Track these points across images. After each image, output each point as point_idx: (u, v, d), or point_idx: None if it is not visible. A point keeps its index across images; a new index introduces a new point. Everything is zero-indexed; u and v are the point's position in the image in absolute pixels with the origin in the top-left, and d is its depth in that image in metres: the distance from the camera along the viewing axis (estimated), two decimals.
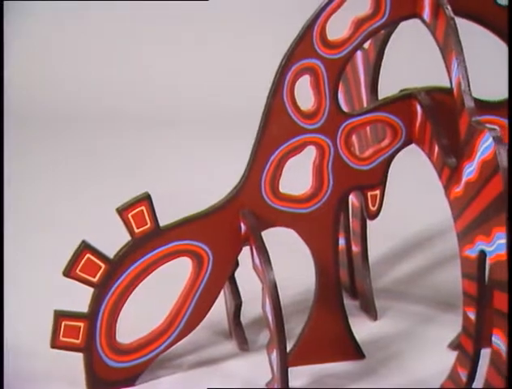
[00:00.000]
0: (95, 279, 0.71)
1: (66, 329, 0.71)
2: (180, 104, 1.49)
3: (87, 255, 0.70)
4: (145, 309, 0.79)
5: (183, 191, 1.12)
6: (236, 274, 0.77)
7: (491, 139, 0.62)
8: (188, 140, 1.37)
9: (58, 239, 0.80)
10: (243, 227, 0.73)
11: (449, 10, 0.67)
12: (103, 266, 0.70)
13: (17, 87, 1.52)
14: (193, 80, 1.53)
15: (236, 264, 0.76)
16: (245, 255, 0.73)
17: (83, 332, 0.71)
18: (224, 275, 0.75)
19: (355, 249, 0.86)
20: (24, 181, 1.23)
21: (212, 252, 0.73)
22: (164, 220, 0.72)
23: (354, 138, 0.79)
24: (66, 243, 0.71)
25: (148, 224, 0.71)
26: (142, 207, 0.70)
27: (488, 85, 0.83)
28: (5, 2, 1.18)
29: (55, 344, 0.71)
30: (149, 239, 0.71)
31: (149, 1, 1.60)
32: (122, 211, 0.70)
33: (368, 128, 0.78)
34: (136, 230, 0.71)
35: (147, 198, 0.70)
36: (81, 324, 0.71)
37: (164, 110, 1.49)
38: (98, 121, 1.48)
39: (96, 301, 0.71)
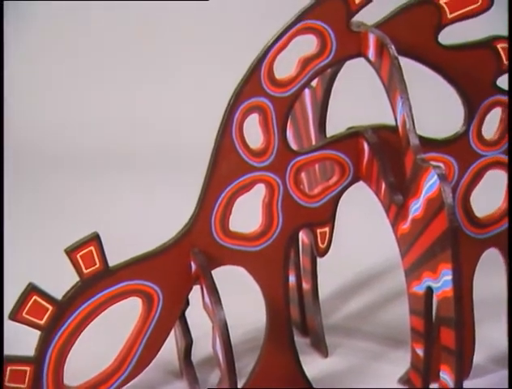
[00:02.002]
0: (42, 322, 0.70)
1: (12, 374, 0.70)
2: (126, 143, 1.48)
3: (34, 297, 0.69)
4: (94, 350, 0.78)
5: (133, 230, 1.12)
6: (187, 312, 0.77)
7: (436, 177, 0.63)
8: (135, 178, 1.36)
9: (7, 280, 0.79)
10: (193, 266, 0.73)
11: (392, 49, 0.68)
12: (50, 308, 0.69)
13: None
14: (144, 120, 1.53)
15: (187, 303, 0.75)
16: (196, 293, 0.73)
17: (28, 377, 0.70)
18: (174, 315, 0.74)
19: (305, 286, 0.86)
20: None
21: (162, 291, 0.73)
22: (113, 260, 0.71)
23: (303, 175, 0.80)
24: (15, 285, 0.70)
25: (97, 265, 0.70)
26: (91, 248, 0.69)
27: (432, 123, 0.85)
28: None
29: None
30: (98, 280, 0.71)
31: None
32: (71, 252, 0.69)
33: (316, 165, 0.79)
34: (85, 271, 0.70)
35: (96, 239, 0.70)
36: (27, 369, 0.70)
37: (110, 148, 1.48)
38: (48, 160, 1.47)
39: (43, 345, 0.70)
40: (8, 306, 0.70)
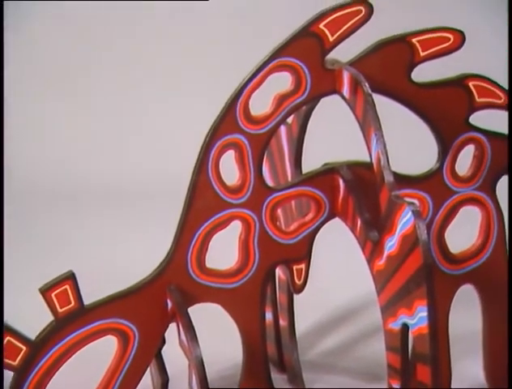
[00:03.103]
0: (15, 363, 0.69)
1: None
2: (102, 178, 1.48)
3: (8, 338, 0.68)
4: None
5: (109, 268, 1.11)
6: (163, 350, 0.76)
7: (410, 214, 0.63)
8: (111, 215, 1.35)
9: None
10: (169, 303, 0.73)
11: (366, 87, 0.69)
12: (24, 348, 0.69)
13: None
14: (120, 155, 1.53)
15: (163, 341, 0.75)
16: (173, 331, 0.73)
17: None
18: (150, 353, 0.74)
19: (282, 322, 0.86)
20: None
21: (138, 330, 0.72)
22: (90, 298, 0.71)
23: (279, 211, 0.80)
24: None
25: (72, 304, 0.69)
26: (66, 286, 0.69)
27: (407, 159, 0.86)
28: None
29: None
30: (73, 319, 0.70)
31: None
32: (45, 291, 0.69)
33: (293, 202, 0.79)
34: (59, 310, 0.69)
35: (71, 277, 0.69)
36: None
37: (84, 183, 1.48)
38: (20, 195, 1.46)
39: (16, 387, 0.69)
40: None
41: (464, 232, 0.76)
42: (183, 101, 1.55)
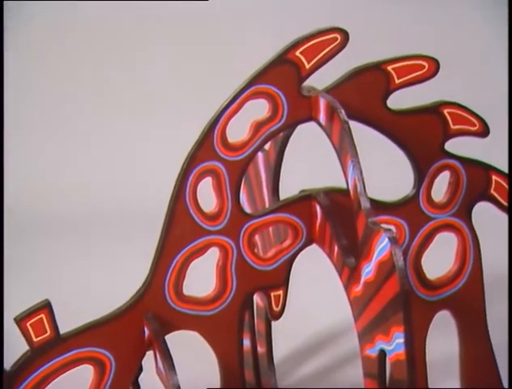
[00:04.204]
0: None
1: None
2: (79, 206, 1.47)
3: None
4: None
5: (86, 295, 1.11)
6: (140, 378, 0.76)
7: (386, 240, 0.63)
8: (89, 243, 1.35)
9: None
10: (146, 331, 0.72)
11: (343, 114, 0.69)
12: None
13: None
14: (98, 183, 1.53)
15: (140, 369, 0.74)
16: (150, 359, 0.72)
17: None
18: (127, 381, 0.73)
19: (260, 349, 0.86)
20: None
21: (115, 358, 0.72)
22: (66, 327, 0.70)
23: (257, 238, 0.80)
24: None
25: (48, 333, 0.69)
26: (42, 315, 0.68)
27: (383, 185, 0.86)
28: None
29: None
30: (48, 348, 0.69)
31: None
32: (21, 321, 0.68)
33: (270, 228, 0.79)
34: (35, 339, 0.68)
35: (47, 306, 0.68)
36: None
37: (62, 212, 1.47)
38: None
39: None
40: None
41: (440, 258, 0.77)
42: (160, 128, 1.55)
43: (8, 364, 0.69)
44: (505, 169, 0.79)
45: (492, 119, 0.77)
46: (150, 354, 0.72)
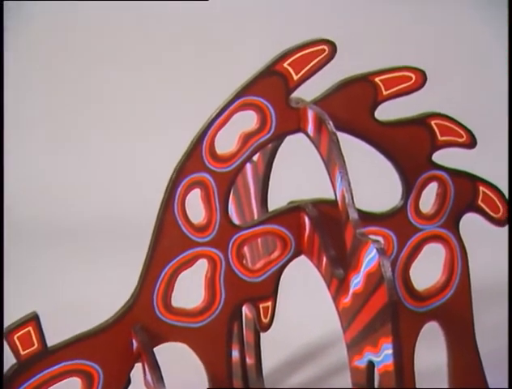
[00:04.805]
0: None
1: None
2: (67, 215, 1.47)
3: None
4: None
5: (74, 307, 1.10)
6: None
7: (375, 251, 0.63)
8: (78, 254, 1.34)
9: None
10: (135, 343, 0.72)
11: (331, 125, 0.69)
12: None
13: None
14: (86, 194, 1.52)
15: (128, 381, 0.74)
16: (138, 371, 0.72)
17: None
18: None
19: (249, 361, 0.86)
20: None
21: (103, 370, 0.71)
22: (54, 340, 0.70)
23: (246, 249, 0.80)
24: None
25: (35, 345, 0.68)
26: (29, 328, 0.68)
27: (371, 196, 0.86)
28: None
29: None
30: (36, 361, 0.69)
31: None
32: (8, 334, 0.67)
33: (259, 240, 0.79)
34: (22, 352, 0.68)
35: (34, 318, 0.68)
36: None
37: (49, 220, 1.46)
38: None
39: None
40: None
41: (429, 268, 0.77)
42: (149, 139, 1.55)
43: None
44: (493, 180, 0.79)
45: (492, 120, 0.77)
46: (138, 366, 0.72)
